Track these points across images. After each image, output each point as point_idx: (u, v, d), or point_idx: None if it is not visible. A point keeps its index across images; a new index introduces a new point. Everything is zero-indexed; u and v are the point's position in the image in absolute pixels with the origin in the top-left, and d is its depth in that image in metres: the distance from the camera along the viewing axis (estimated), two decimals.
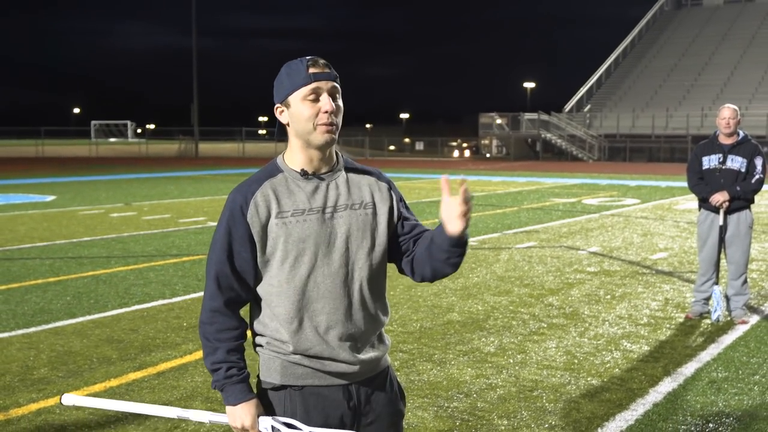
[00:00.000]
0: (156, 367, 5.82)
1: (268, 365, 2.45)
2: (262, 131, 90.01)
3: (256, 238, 2.39)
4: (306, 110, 2.37)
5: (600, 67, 60.80)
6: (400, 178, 31.44)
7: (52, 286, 8.79)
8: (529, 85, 77.22)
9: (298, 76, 2.38)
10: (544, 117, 54.70)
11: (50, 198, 20.77)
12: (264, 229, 2.39)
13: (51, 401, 5.10)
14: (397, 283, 9.03)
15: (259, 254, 2.41)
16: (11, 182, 27.56)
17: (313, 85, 2.36)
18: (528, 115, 56.24)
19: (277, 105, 2.45)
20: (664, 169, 38.10)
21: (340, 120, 2.42)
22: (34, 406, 5.01)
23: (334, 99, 2.40)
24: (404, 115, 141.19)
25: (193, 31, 57.33)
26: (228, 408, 2.40)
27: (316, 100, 2.37)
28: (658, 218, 16.26)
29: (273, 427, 2.38)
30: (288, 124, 2.43)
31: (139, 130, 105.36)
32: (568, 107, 58.01)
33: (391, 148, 76.15)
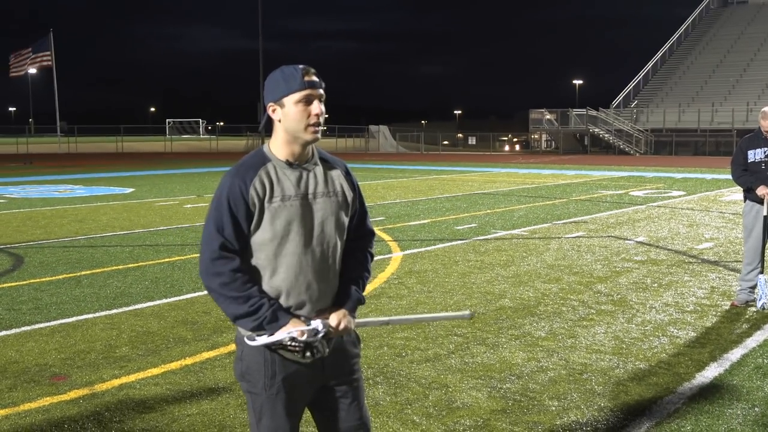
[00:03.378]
0: (227, 347, 5.91)
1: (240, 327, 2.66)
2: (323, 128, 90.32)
3: (254, 217, 2.59)
4: (299, 112, 2.59)
5: (647, 64, 59.61)
6: (454, 171, 31.31)
7: (132, 271, 8.98)
8: (578, 82, 76.11)
9: (294, 81, 2.58)
10: (592, 112, 53.91)
11: (129, 190, 21.21)
12: (260, 210, 2.59)
13: (132, 377, 5.21)
14: (451, 270, 9.00)
15: (252, 231, 2.61)
16: (94, 176, 28.22)
17: (307, 91, 2.59)
18: (576, 111, 55.49)
19: (271, 103, 2.64)
20: (710, 162, 37.20)
21: (322, 121, 2.65)
22: (116, 382, 5.13)
23: (320, 104, 2.63)
24: (457, 112, 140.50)
25: (259, 34, 57.83)
26: (282, 329, 2.57)
27: (308, 104, 2.59)
28: (703, 209, 15.89)
29: (323, 324, 2.61)
30: (279, 121, 2.63)
31: (209, 127, 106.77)
32: (615, 103, 57.02)
33: (445, 142, 75.86)
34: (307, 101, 2.59)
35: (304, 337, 2.57)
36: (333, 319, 2.65)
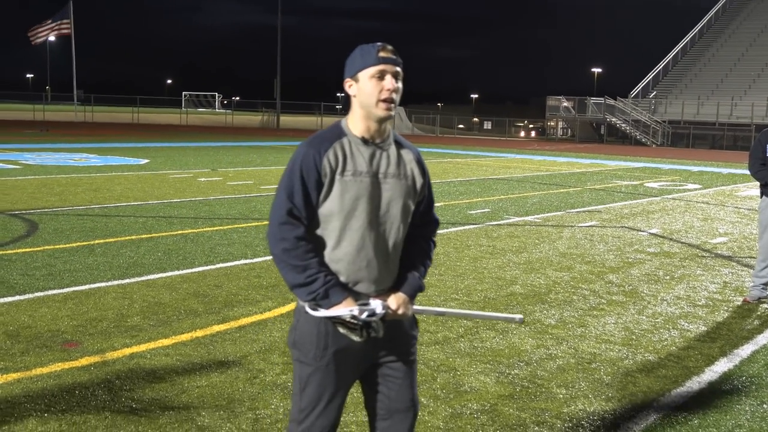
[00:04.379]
0: (238, 321, 5.94)
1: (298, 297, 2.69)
2: (338, 106, 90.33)
3: (324, 188, 2.62)
4: (371, 86, 2.62)
5: (668, 54, 59.08)
6: (468, 155, 31.22)
7: (145, 242, 9.03)
8: (596, 70, 75.55)
9: (369, 56, 2.63)
10: (610, 101, 53.54)
11: (144, 161, 21.27)
12: (330, 182, 2.62)
13: (143, 347, 5.25)
14: (463, 254, 9.00)
15: (321, 201, 2.64)
16: (109, 145, 28.31)
17: (381, 66, 2.62)
18: (594, 100, 55.12)
19: (347, 79, 2.69)
20: (727, 156, 36.93)
21: (398, 99, 2.67)
22: (127, 351, 5.17)
23: (396, 81, 2.64)
24: (474, 96, 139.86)
25: (278, 9, 57.68)
26: (334, 308, 2.60)
27: (381, 79, 2.62)
28: (719, 204, 15.79)
29: (383, 305, 2.64)
30: (354, 96, 2.67)
31: (225, 102, 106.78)
32: (633, 93, 56.61)
33: (461, 126, 75.59)
34: (381, 76, 2.61)
35: (363, 316, 2.59)
36: (392, 302, 2.69)
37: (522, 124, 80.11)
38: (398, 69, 2.65)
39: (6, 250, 8.27)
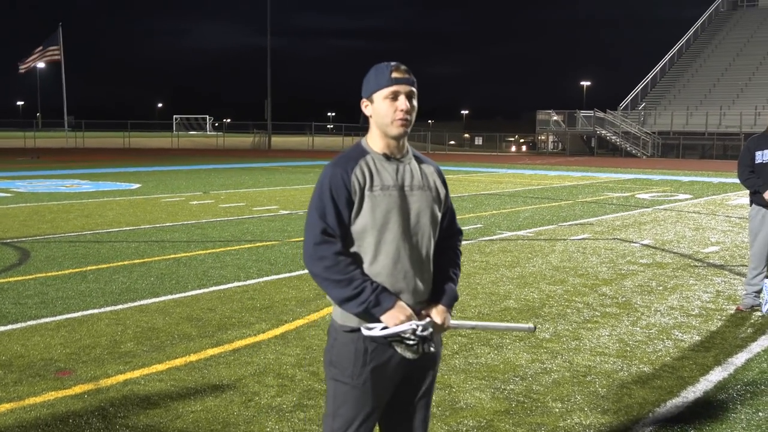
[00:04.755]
0: (232, 344, 5.92)
1: (347, 313, 2.70)
2: (329, 126, 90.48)
3: (355, 205, 2.67)
4: (385, 107, 2.70)
5: (656, 66, 59.47)
6: (460, 171, 31.29)
7: (138, 267, 9.01)
8: (586, 83, 75.97)
9: (382, 78, 2.70)
10: (600, 114, 53.81)
11: (136, 186, 21.25)
12: (361, 198, 2.67)
13: (137, 373, 5.23)
14: None
15: (353, 219, 2.68)
16: (101, 171, 28.28)
17: (394, 87, 2.69)
18: (584, 113, 55.41)
19: (363, 99, 2.78)
20: (717, 166, 37.10)
21: (413, 117, 2.74)
22: (121, 377, 5.15)
23: (410, 100, 2.72)
24: (464, 112, 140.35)
25: (267, 31, 57.95)
26: (387, 313, 2.62)
27: (395, 99, 2.70)
28: (710, 213, 15.86)
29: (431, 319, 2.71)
30: (371, 116, 2.76)
31: (216, 124, 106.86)
32: (623, 105, 56.91)
33: (452, 142, 75.81)
34: (394, 97, 2.69)
35: (420, 331, 2.61)
36: (436, 316, 2.74)
37: (513, 139, 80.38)
38: (412, 89, 2.72)
39: None
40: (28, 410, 4.55)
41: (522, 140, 77.64)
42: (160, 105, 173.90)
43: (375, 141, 2.76)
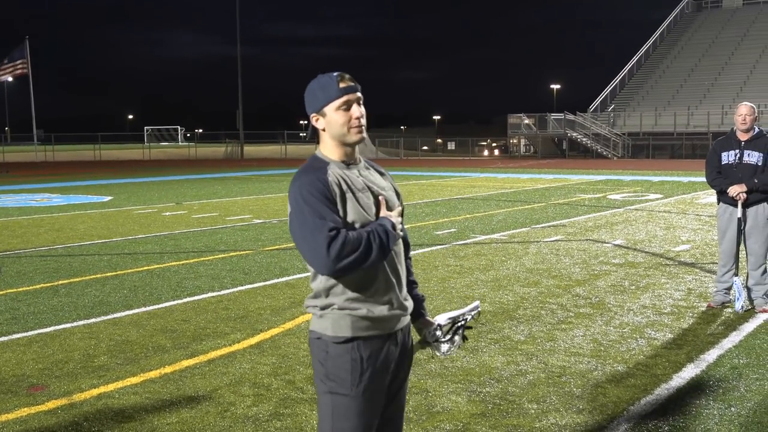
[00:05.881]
0: (207, 355, 5.88)
1: (338, 323, 2.69)
2: (302, 134, 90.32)
3: (338, 205, 2.65)
4: (340, 118, 2.71)
5: (623, 68, 60.09)
6: (433, 176, 31.38)
7: (110, 280, 8.92)
8: (555, 86, 76.57)
9: (331, 90, 2.70)
10: (570, 117, 54.23)
11: (107, 198, 21.07)
12: (341, 200, 2.66)
13: (111, 386, 5.18)
14: (431, 275, 9.02)
15: (342, 214, 2.67)
16: (72, 184, 28.00)
17: (345, 97, 2.70)
18: (554, 116, 55.80)
19: (313, 114, 2.75)
20: (686, 165, 37.55)
21: (365, 121, 2.78)
22: (95, 391, 5.09)
23: (360, 106, 2.75)
24: (436, 117, 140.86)
25: (237, 40, 57.77)
26: (389, 218, 2.69)
27: (348, 109, 2.71)
28: (680, 212, 16.04)
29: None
30: (323, 129, 2.75)
31: (188, 135, 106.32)
32: (592, 107, 57.41)
33: (425, 148, 75.92)
34: (347, 107, 2.70)
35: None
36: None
37: (485, 143, 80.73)
38: (360, 95, 2.75)
39: None
40: (1, 427, 4.48)
41: (494, 144, 78.02)
42: (131, 116, 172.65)
43: (331, 151, 2.76)
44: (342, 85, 2.69)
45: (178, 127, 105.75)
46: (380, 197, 2.73)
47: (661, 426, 4.43)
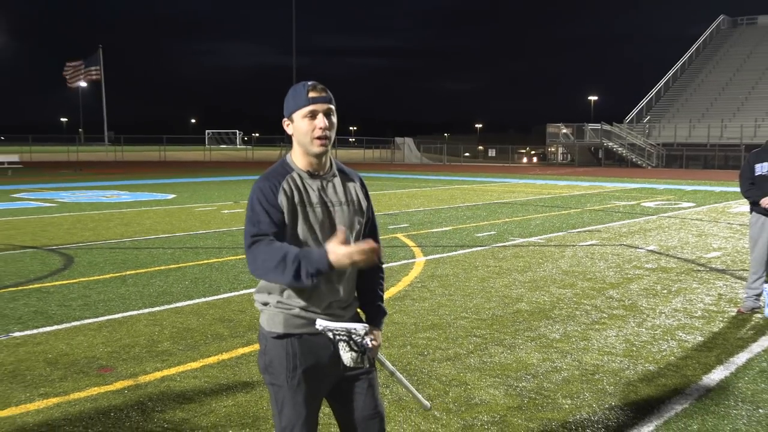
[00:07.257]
0: None
1: (273, 319, 2.67)
2: (351, 139, 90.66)
3: (286, 218, 2.59)
4: (305, 126, 2.63)
5: (660, 81, 59.11)
6: (474, 181, 31.24)
7: (173, 272, 9.08)
8: (593, 98, 75.62)
9: (300, 98, 2.64)
10: (607, 127, 53.51)
11: (171, 196, 21.42)
12: (290, 212, 2.60)
13: (173, 370, 5.28)
14: (471, 275, 9.00)
15: (290, 226, 2.61)
16: (139, 182, 28.53)
17: (311, 107, 2.62)
18: (591, 126, 55.11)
19: (285, 119, 2.71)
20: (719, 176, 36.78)
21: (333, 134, 2.68)
22: (158, 374, 5.20)
23: (328, 117, 2.65)
24: (478, 125, 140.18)
25: (293, 50, 58.24)
26: (331, 257, 2.43)
27: (313, 118, 2.63)
28: (712, 220, 15.73)
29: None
30: (292, 135, 2.70)
31: (245, 138, 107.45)
32: (628, 118, 56.58)
33: (467, 154, 75.67)
34: (312, 116, 2.62)
35: (367, 341, 2.61)
36: (376, 339, 2.73)
37: (524, 151, 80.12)
38: (330, 106, 2.65)
39: (44, 282, 8.35)
40: (72, 404, 4.61)
41: (533, 152, 77.39)
42: (193, 120, 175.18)
43: (298, 158, 2.70)
44: (312, 94, 2.62)
45: (237, 131, 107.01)
46: (340, 229, 2.53)
47: (690, 425, 4.36)
